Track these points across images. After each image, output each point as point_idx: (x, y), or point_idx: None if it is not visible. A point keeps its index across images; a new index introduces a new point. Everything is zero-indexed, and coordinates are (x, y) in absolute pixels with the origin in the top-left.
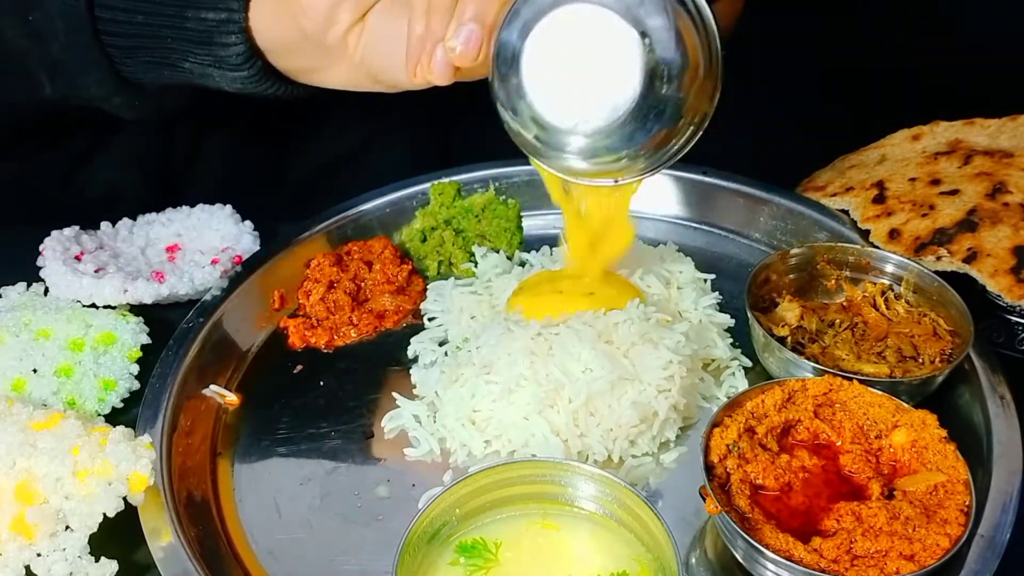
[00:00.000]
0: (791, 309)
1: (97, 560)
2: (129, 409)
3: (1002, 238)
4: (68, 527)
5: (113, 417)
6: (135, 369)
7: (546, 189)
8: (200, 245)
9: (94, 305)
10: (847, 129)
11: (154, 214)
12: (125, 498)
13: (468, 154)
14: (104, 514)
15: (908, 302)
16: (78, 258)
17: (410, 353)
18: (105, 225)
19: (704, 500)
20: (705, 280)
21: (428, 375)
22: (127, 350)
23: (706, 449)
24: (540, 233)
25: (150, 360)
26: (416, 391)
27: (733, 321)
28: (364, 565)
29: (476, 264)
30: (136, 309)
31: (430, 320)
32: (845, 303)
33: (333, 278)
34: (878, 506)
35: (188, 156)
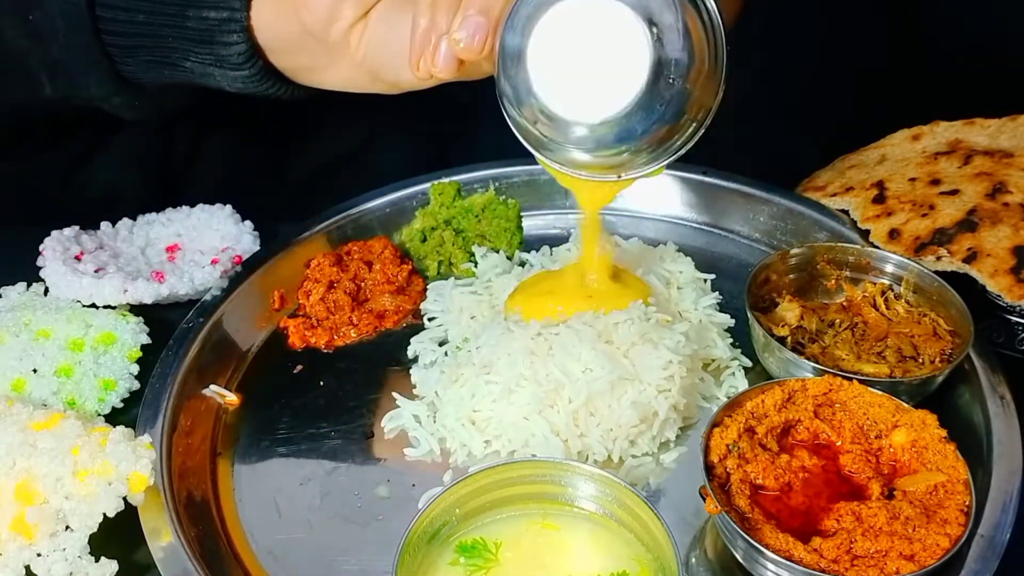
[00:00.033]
0: (791, 309)
1: (97, 560)
2: (129, 409)
3: (1002, 238)
4: (68, 527)
5: (113, 417)
6: (135, 369)
7: (548, 189)
8: (200, 245)
9: (94, 305)
10: (847, 129)
11: (154, 214)
12: (125, 498)
13: (468, 154)
14: (104, 514)
15: (908, 302)
16: (78, 258)
17: (410, 353)
18: (105, 225)
19: (704, 500)
20: (705, 280)
21: (428, 375)
22: (127, 350)
23: (706, 449)
24: (540, 233)
25: (150, 360)
26: (416, 391)
27: (733, 321)
28: (364, 565)
29: (476, 264)
30: (136, 309)
31: (430, 320)
32: (845, 303)
33: (333, 278)
34: (878, 506)
35: (188, 156)
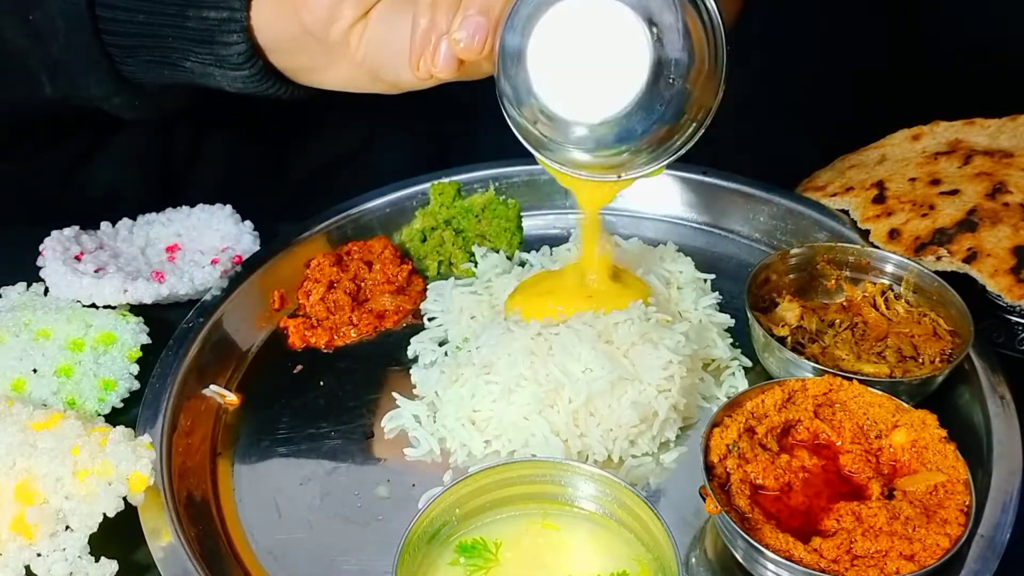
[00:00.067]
0: (791, 309)
1: (97, 560)
2: (129, 409)
3: (1002, 238)
4: (68, 527)
5: (113, 417)
6: (135, 369)
7: (548, 189)
8: (200, 245)
9: (94, 305)
10: (847, 129)
11: (154, 214)
12: (125, 498)
13: (468, 154)
14: (104, 514)
15: (908, 302)
16: (78, 258)
17: (410, 353)
18: (105, 225)
19: (704, 500)
20: (705, 280)
21: (428, 375)
22: (127, 350)
23: (706, 449)
24: (540, 233)
25: (150, 360)
26: (416, 391)
27: (733, 321)
28: (364, 565)
29: (476, 264)
30: (136, 309)
31: (430, 320)
32: (845, 303)
33: (333, 278)
34: (878, 506)
35: (188, 156)
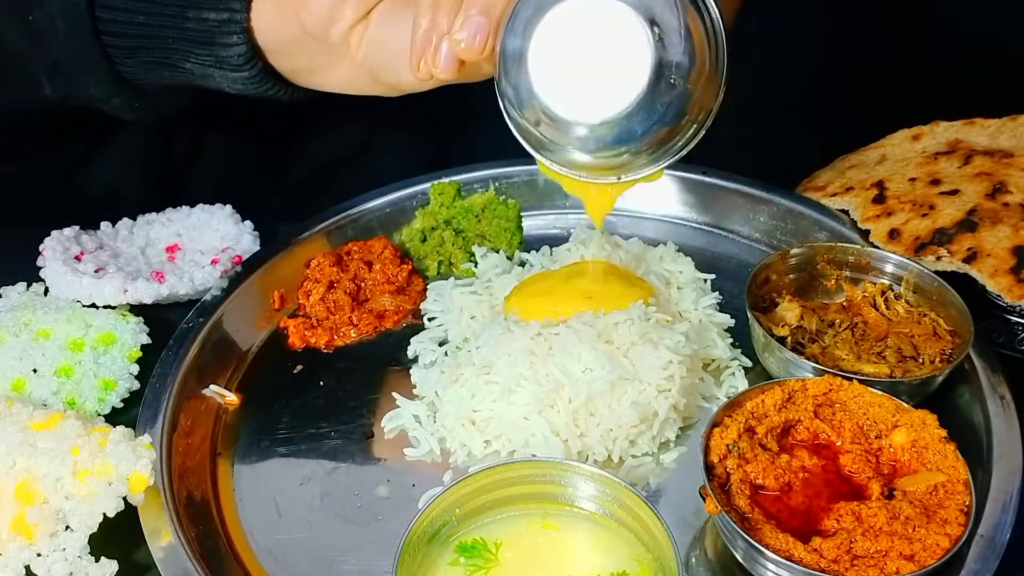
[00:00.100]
0: (791, 309)
1: (97, 560)
2: (129, 409)
3: (1002, 238)
4: (68, 527)
5: (113, 417)
6: (135, 369)
7: (548, 189)
8: (200, 245)
9: (94, 305)
10: (847, 129)
11: (154, 214)
12: (125, 498)
13: (468, 154)
14: (104, 514)
15: (908, 302)
16: (78, 258)
17: (410, 353)
18: (105, 225)
19: (704, 500)
20: (705, 280)
21: (428, 375)
22: (127, 350)
23: (706, 449)
24: (540, 233)
25: (150, 360)
26: (416, 391)
27: (733, 321)
28: (364, 565)
29: (476, 264)
30: (136, 309)
31: (430, 320)
32: (845, 303)
33: (333, 278)
34: (878, 506)
35: (188, 156)
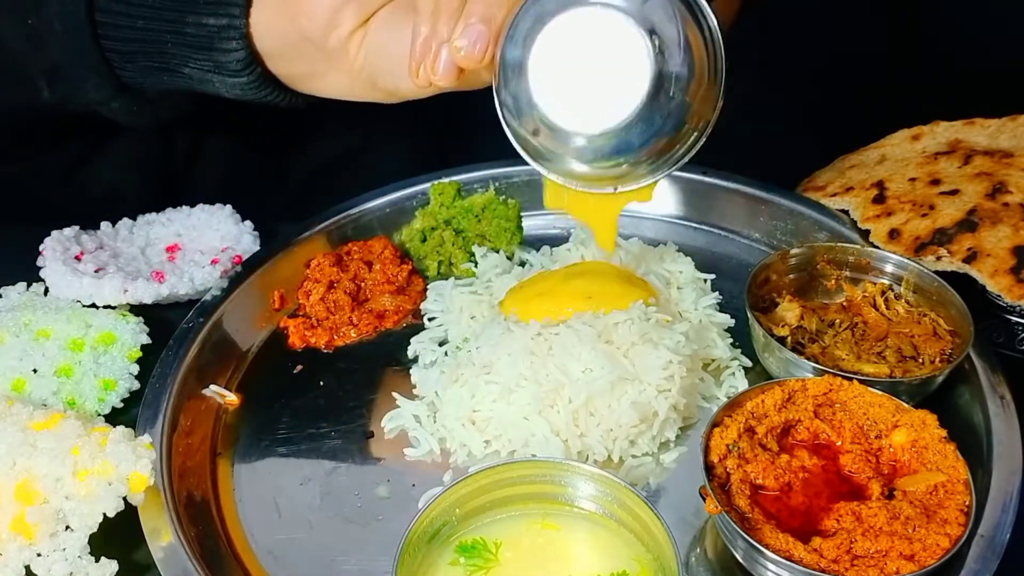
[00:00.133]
0: (791, 309)
1: (97, 560)
2: (129, 409)
3: (1002, 238)
4: (68, 527)
5: (113, 417)
6: (135, 369)
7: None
8: (200, 245)
9: (94, 305)
10: (847, 129)
11: (154, 214)
12: (125, 498)
13: (468, 154)
14: (104, 514)
15: (908, 302)
16: (78, 258)
17: (410, 353)
18: (105, 225)
19: (704, 500)
20: (705, 280)
21: (428, 375)
22: (127, 350)
23: (706, 449)
24: (540, 233)
25: (150, 360)
26: (416, 391)
27: (733, 321)
28: (364, 565)
29: (476, 264)
30: (136, 309)
31: (430, 320)
32: (845, 303)
33: (333, 278)
34: (878, 506)
35: (188, 156)
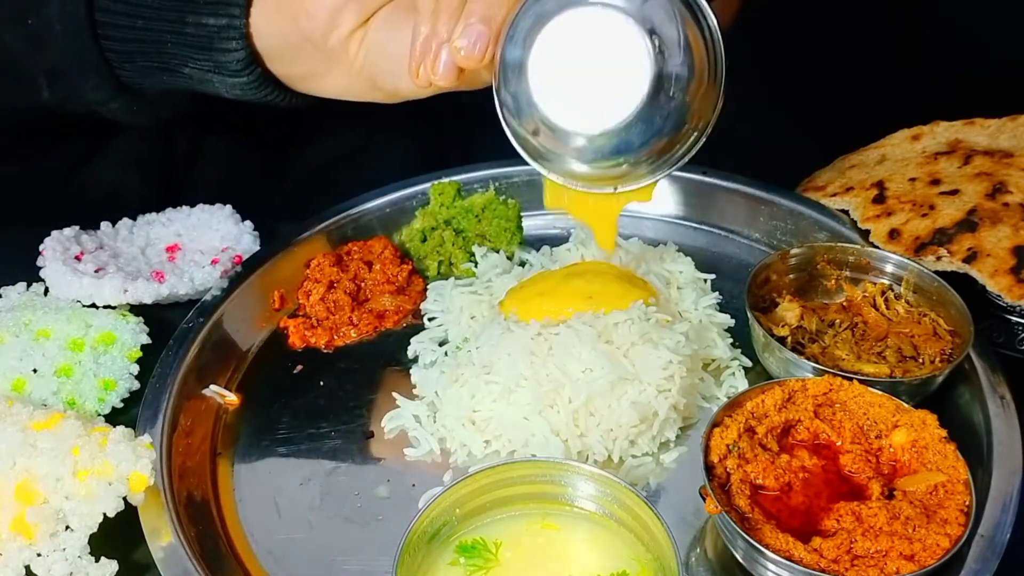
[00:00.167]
0: (791, 309)
1: (97, 560)
2: (129, 409)
3: (1002, 238)
4: (68, 527)
5: (113, 417)
6: (135, 369)
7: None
8: (200, 245)
9: (94, 305)
10: (847, 129)
11: (154, 214)
12: (125, 498)
13: (468, 154)
14: (104, 514)
15: (908, 302)
16: (78, 258)
17: (410, 353)
18: (105, 225)
19: (704, 500)
20: (705, 280)
21: (428, 375)
22: (127, 350)
23: (706, 449)
24: (540, 233)
25: (150, 360)
26: (416, 391)
27: (733, 321)
28: (364, 565)
29: (476, 264)
30: (136, 309)
31: (430, 320)
32: (845, 303)
33: (333, 278)
34: (878, 506)
35: (188, 156)
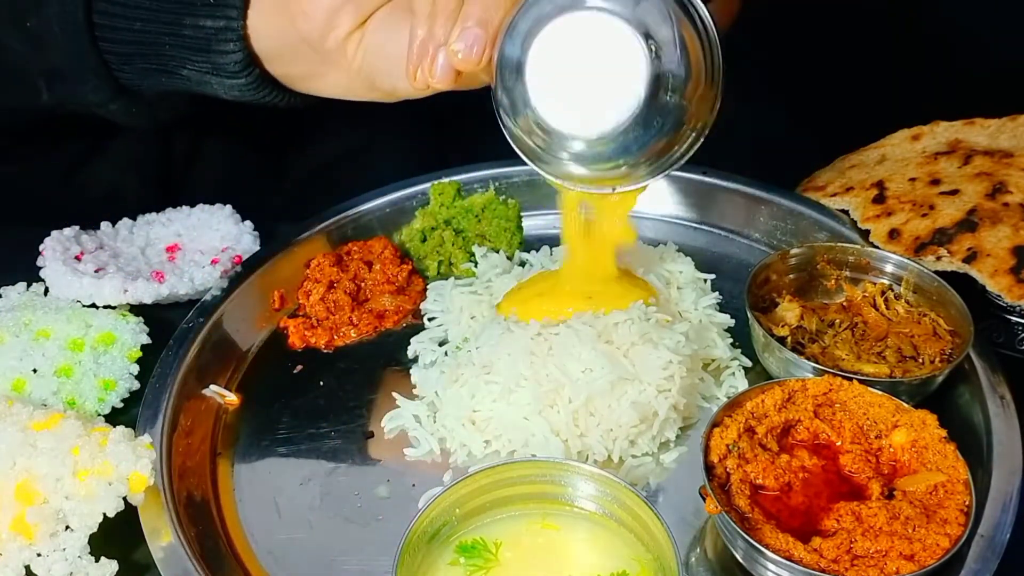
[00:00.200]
0: (791, 309)
1: (97, 560)
2: (129, 409)
3: (1002, 238)
4: (68, 527)
5: (113, 417)
6: (135, 369)
7: (548, 189)
8: (200, 245)
9: (94, 305)
10: (847, 129)
11: (154, 214)
12: (125, 498)
13: (468, 154)
14: (104, 514)
15: (908, 302)
16: (78, 258)
17: (410, 353)
18: (105, 225)
19: (704, 500)
20: (705, 280)
21: (428, 375)
22: (127, 350)
23: (706, 449)
24: (540, 233)
25: (150, 360)
26: (416, 391)
27: (733, 321)
28: (364, 565)
29: (476, 264)
30: (136, 309)
31: (430, 320)
32: (845, 303)
33: (333, 278)
34: (878, 506)
35: (188, 156)
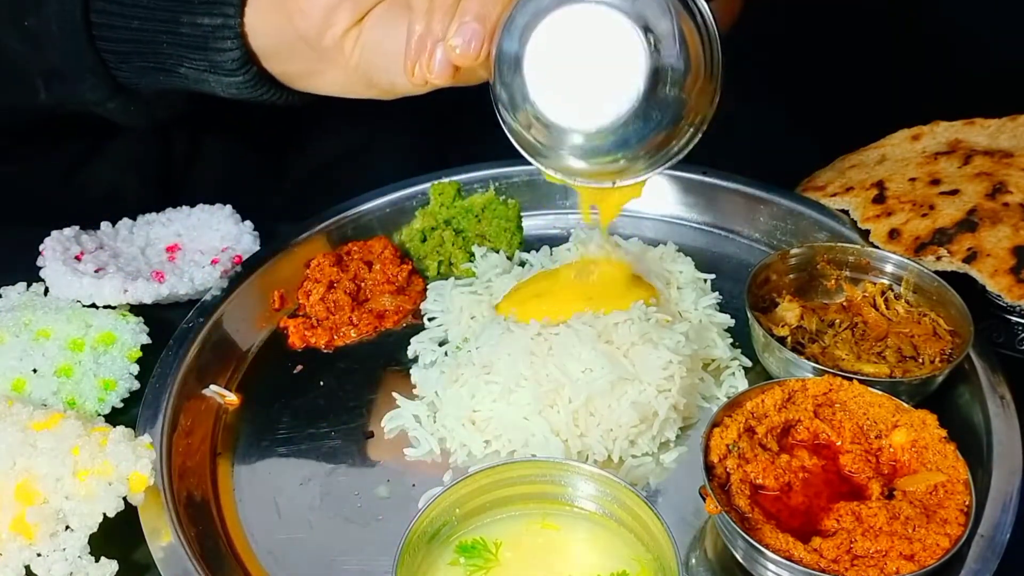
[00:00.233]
0: (791, 309)
1: (97, 560)
2: (129, 409)
3: (1002, 238)
4: (68, 527)
5: (113, 417)
6: (135, 369)
7: (548, 189)
8: (200, 245)
9: (94, 305)
10: (847, 129)
11: (154, 214)
12: (125, 498)
13: (468, 154)
14: (104, 514)
15: (908, 302)
16: (78, 258)
17: (410, 353)
18: (105, 225)
19: (704, 500)
20: (705, 280)
21: (428, 375)
22: (127, 350)
23: (706, 449)
24: (540, 233)
25: (150, 360)
26: (416, 391)
27: (733, 321)
28: (364, 565)
29: (476, 264)
30: (136, 309)
31: (430, 320)
32: (845, 303)
33: (333, 278)
34: (878, 506)
35: (188, 156)
